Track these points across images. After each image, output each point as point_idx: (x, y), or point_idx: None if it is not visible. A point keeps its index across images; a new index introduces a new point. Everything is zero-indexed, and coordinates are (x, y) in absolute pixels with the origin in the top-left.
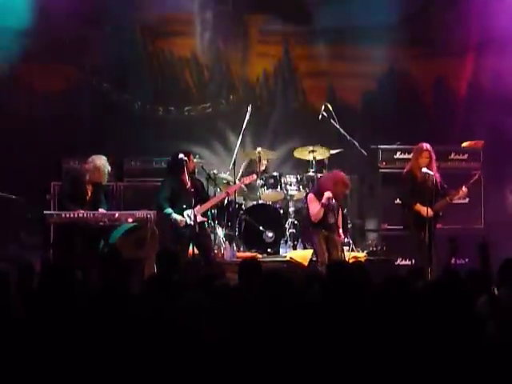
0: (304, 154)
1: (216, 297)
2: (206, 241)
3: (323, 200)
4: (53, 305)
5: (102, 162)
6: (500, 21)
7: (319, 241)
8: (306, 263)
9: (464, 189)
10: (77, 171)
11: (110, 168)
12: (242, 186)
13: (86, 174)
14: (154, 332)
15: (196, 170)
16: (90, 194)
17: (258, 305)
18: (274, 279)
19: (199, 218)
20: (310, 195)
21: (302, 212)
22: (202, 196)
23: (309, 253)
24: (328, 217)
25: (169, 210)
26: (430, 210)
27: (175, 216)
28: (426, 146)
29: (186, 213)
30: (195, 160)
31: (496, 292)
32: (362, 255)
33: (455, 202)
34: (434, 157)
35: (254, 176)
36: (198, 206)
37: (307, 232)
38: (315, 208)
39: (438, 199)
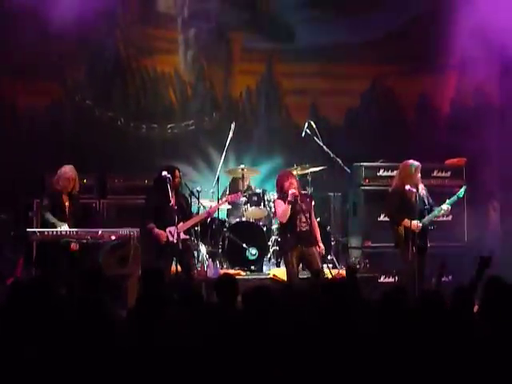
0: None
1: (199, 314)
2: (189, 258)
3: (289, 197)
4: (23, 321)
5: (64, 169)
6: (483, 39)
7: (292, 260)
8: None
9: (446, 205)
10: (50, 185)
11: (71, 174)
12: (226, 203)
13: (56, 185)
14: (136, 349)
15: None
16: (68, 206)
17: (243, 322)
18: (260, 295)
19: (182, 236)
20: (277, 200)
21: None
22: (185, 213)
23: None
24: (299, 223)
25: (151, 226)
26: (418, 224)
27: (157, 231)
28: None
29: (168, 229)
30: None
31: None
32: (344, 273)
33: (438, 219)
34: None
35: (239, 194)
36: (181, 223)
37: (282, 247)
38: (281, 208)
39: (425, 214)
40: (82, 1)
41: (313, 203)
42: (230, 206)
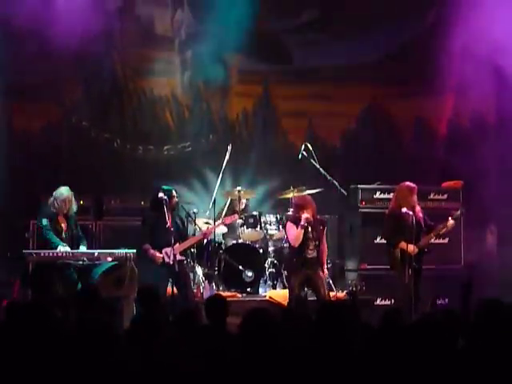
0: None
1: (194, 335)
2: (185, 279)
3: (302, 222)
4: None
5: (60, 190)
6: (480, 61)
7: (295, 284)
8: (285, 303)
9: (451, 220)
10: (47, 207)
11: (67, 196)
12: (222, 225)
13: (51, 207)
14: (132, 370)
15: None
16: (65, 229)
17: (239, 344)
18: (256, 317)
19: (178, 257)
20: (288, 223)
21: (283, 252)
22: (181, 234)
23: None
24: (306, 250)
25: (146, 246)
26: (415, 247)
27: (152, 252)
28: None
29: (164, 250)
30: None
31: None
32: (341, 295)
33: (435, 241)
34: None
35: (236, 216)
36: (177, 245)
37: (287, 269)
38: (293, 233)
39: (422, 236)
40: (79, 22)
41: (325, 229)
42: (226, 229)
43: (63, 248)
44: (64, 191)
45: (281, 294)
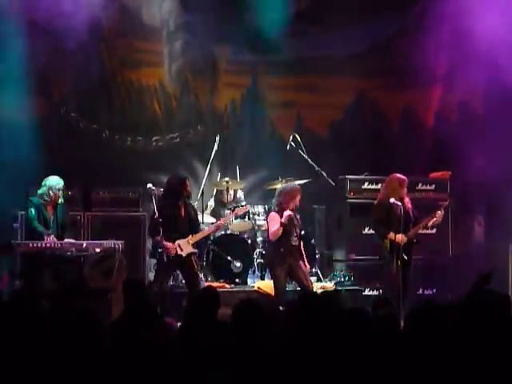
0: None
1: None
2: (194, 273)
3: (283, 219)
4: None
5: (55, 181)
6: (468, 52)
7: (280, 275)
8: (273, 293)
9: (440, 212)
10: (35, 196)
11: (57, 186)
12: (233, 217)
13: (40, 197)
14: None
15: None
16: (52, 218)
17: (231, 334)
18: (247, 308)
19: (190, 249)
20: (272, 213)
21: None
22: (194, 225)
23: None
24: (291, 238)
25: (159, 238)
26: (403, 236)
27: (165, 244)
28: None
29: (177, 242)
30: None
31: None
32: (329, 285)
33: (423, 232)
34: None
35: (247, 207)
36: (190, 236)
37: (271, 261)
38: (274, 229)
39: (410, 227)
40: (66, 12)
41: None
42: (214, 220)
43: (50, 237)
44: (59, 180)
45: (269, 285)
